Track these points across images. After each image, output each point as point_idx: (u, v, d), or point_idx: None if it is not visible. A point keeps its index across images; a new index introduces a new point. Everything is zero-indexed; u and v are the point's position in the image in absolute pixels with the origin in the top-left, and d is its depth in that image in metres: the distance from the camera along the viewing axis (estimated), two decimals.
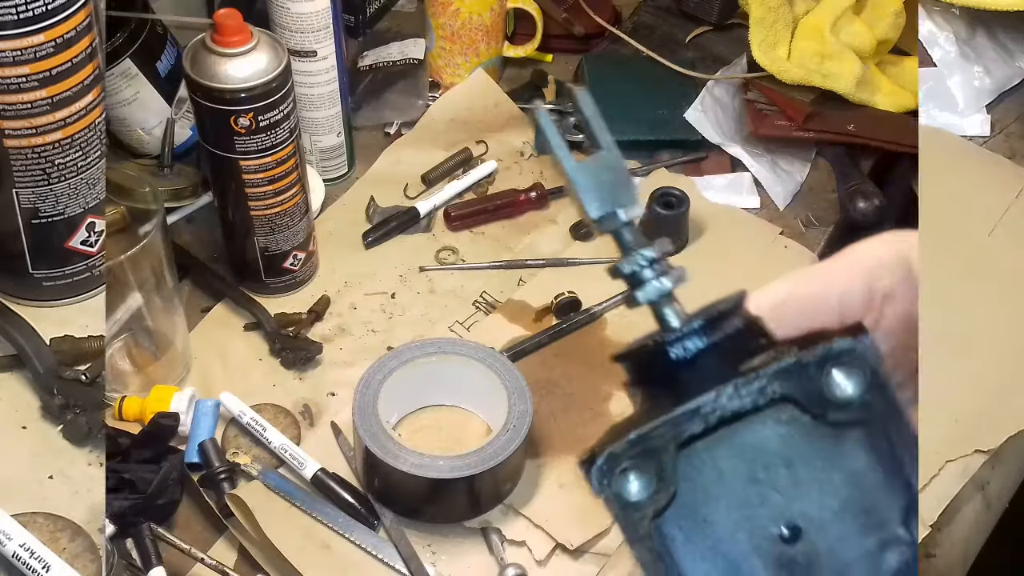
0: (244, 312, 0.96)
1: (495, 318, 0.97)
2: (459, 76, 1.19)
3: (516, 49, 1.22)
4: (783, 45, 1.13)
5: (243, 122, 0.84)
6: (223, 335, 0.95)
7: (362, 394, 0.82)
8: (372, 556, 0.79)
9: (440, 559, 0.80)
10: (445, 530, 0.82)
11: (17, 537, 0.50)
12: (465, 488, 0.79)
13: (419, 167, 1.11)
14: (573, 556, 0.81)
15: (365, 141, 1.14)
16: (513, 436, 0.80)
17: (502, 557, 0.80)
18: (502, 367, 0.85)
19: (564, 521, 0.81)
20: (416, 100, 1.16)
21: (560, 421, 0.89)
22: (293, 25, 0.97)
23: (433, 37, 1.17)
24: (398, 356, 0.86)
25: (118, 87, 1.00)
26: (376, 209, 1.06)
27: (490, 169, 1.11)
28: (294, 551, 0.78)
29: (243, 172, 0.87)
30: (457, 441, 0.87)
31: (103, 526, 0.62)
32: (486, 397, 0.85)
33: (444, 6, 1.14)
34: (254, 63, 0.83)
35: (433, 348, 0.86)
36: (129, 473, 0.79)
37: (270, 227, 0.92)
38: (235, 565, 0.79)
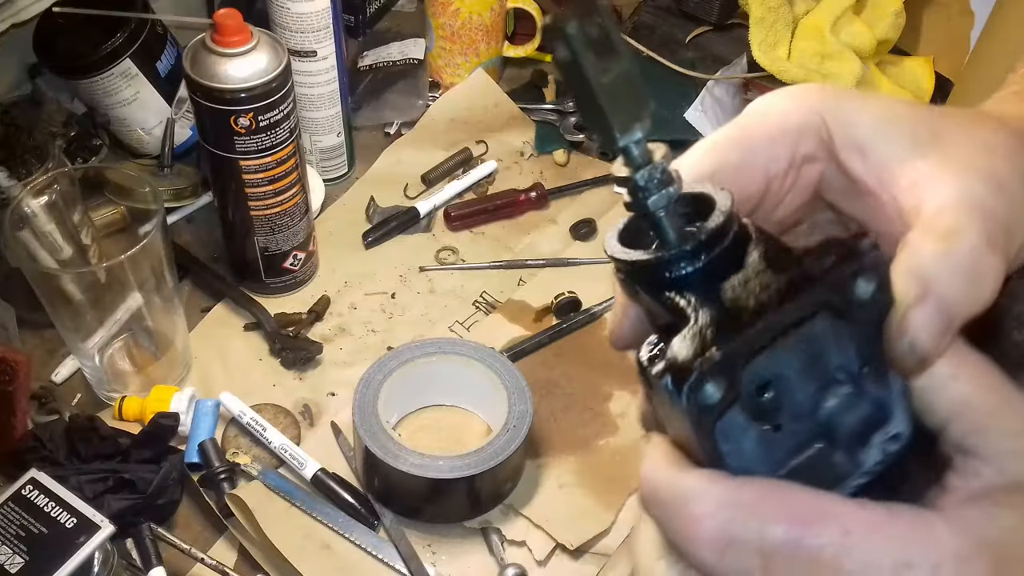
0: (244, 312, 0.96)
1: (495, 318, 0.97)
2: (459, 76, 1.19)
3: (516, 49, 1.22)
4: (783, 45, 1.13)
5: (243, 122, 0.84)
6: (223, 335, 0.95)
7: (362, 394, 0.82)
8: (372, 556, 0.80)
9: (440, 559, 0.80)
10: (445, 530, 0.82)
11: (250, 414, 0.87)
12: (465, 488, 0.79)
13: (419, 167, 1.11)
14: (573, 556, 0.81)
15: (365, 141, 1.14)
16: (513, 436, 0.80)
17: (502, 557, 0.80)
18: (502, 367, 0.85)
19: (564, 521, 0.81)
20: (416, 100, 1.16)
21: (560, 421, 0.89)
22: (293, 25, 0.97)
23: (433, 37, 1.17)
24: (398, 356, 0.86)
25: (118, 87, 1.00)
26: (376, 209, 1.06)
27: (490, 169, 1.11)
28: (294, 551, 0.78)
29: (243, 172, 0.87)
30: (457, 441, 0.87)
31: (303, 410, 0.90)
32: (486, 397, 0.85)
33: (444, 6, 1.14)
34: (254, 63, 0.83)
35: (433, 348, 0.86)
36: (129, 473, 0.79)
37: (270, 227, 0.92)
38: (235, 565, 0.79)
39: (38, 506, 0.70)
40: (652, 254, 0.35)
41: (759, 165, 0.38)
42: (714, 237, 0.34)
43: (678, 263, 0.34)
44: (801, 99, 0.38)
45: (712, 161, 0.38)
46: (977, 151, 0.36)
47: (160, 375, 0.90)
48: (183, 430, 0.85)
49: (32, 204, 0.82)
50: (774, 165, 0.38)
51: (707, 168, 0.38)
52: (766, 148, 0.38)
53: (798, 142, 0.38)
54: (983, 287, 0.33)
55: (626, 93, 0.33)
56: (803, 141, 0.38)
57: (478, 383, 0.85)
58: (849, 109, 0.38)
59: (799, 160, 0.38)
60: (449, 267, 1.02)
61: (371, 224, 1.05)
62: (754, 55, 1.12)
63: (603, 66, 0.32)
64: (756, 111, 0.39)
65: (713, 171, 0.37)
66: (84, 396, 0.90)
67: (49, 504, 0.70)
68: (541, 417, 0.88)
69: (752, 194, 0.38)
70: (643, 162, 0.34)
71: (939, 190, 0.35)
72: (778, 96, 0.39)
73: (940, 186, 0.35)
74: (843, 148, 0.38)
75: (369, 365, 0.85)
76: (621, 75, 0.33)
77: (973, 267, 0.33)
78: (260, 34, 0.85)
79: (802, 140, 0.38)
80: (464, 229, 1.06)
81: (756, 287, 0.33)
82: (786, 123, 0.38)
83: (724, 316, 0.33)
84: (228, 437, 0.87)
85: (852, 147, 0.37)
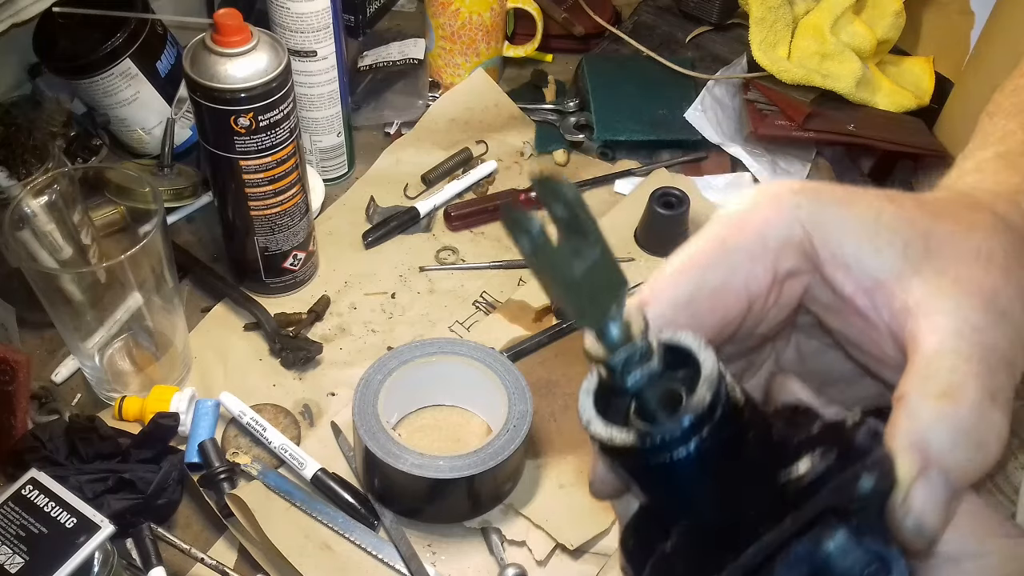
0: (244, 312, 0.96)
1: (495, 318, 0.97)
2: (459, 76, 1.19)
3: (516, 49, 1.22)
4: (783, 45, 1.13)
5: (243, 122, 0.84)
6: (223, 335, 0.95)
7: (362, 394, 0.82)
8: (372, 556, 0.80)
9: (440, 559, 0.80)
10: (445, 530, 0.82)
11: (250, 414, 0.87)
12: (465, 488, 0.79)
13: (419, 167, 1.11)
14: (573, 556, 0.81)
15: (365, 141, 1.14)
16: (513, 436, 0.80)
17: (502, 557, 0.80)
18: (502, 367, 0.85)
19: (564, 521, 0.81)
20: (416, 100, 1.16)
21: (560, 421, 0.89)
22: (293, 25, 0.97)
23: (433, 37, 1.17)
24: (398, 356, 0.86)
25: (118, 87, 1.00)
26: (376, 209, 1.06)
27: (490, 169, 1.11)
28: (294, 551, 0.78)
29: (243, 172, 0.87)
30: (457, 441, 0.87)
31: (303, 410, 0.90)
32: (486, 397, 0.85)
33: (444, 6, 1.14)
34: (254, 63, 0.83)
35: (433, 348, 0.86)
36: (129, 473, 0.79)
37: (270, 227, 0.92)
38: (235, 565, 0.79)
39: (38, 506, 0.70)
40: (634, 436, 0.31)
41: (739, 286, 0.35)
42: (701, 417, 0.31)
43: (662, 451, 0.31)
44: (779, 206, 0.35)
45: (689, 284, 0.35)
46: (974, 264, 0.33)
47: (160, 375, 0.90)
48: (183, 430, 0.85)
49: (32, 204, 0.82)
50: (755, 284, 0.35)
51: (684, 294, 0.35)
52: (746, 266, 0.35)
53: (780, 257, 0.35)
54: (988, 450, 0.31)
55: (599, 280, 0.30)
56: (785, 255, 0.35)
57: (478, 383, 0.85)
58: (832, 217, 0.35)
59: (782, 275, 0.36)
60: (449, 267, 1.02)
61: (371, 224, 1.05)
62: (754, 55, 1.12)
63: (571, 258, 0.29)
64: (732, 220, 0.36)
65: (691, 297, 0.35)
66: (84, 396, 0.90)
67: (49, 504, 0.70)
68: (541, 417, 0.88)
69: (733, 317, 0.36)
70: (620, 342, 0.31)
71: (936, 321, 0.32)
72: (755, 201, 0.36)
73: (937, 316, 0.32)
74: (828, 263, 0.35)
75: (369, 365, 0.85)
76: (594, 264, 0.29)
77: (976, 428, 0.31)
78: (260, 34, 0.85)
79: (784, 255, 0.35)
80: (464, 229, 1.06)
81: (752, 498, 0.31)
82: (766, 235, 0.35)
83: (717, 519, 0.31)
84: (228, 437, 0.87)
85: (838, 263, 0.35)
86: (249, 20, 0.84)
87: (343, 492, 0.82)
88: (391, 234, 1.04)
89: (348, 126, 1.08)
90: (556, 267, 0.29)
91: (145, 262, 0.82)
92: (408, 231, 1.05)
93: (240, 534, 0.79)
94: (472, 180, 1.09)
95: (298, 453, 0.84)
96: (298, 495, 0.82)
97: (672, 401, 0.32)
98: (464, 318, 0.98)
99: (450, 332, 0.96)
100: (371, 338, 0.95)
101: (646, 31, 1.29)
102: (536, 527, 0.82)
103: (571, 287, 0.29)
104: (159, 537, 0.79)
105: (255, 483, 0.83)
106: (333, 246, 1.03)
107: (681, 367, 0.32)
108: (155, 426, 0.83)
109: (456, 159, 1.12)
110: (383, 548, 0.80)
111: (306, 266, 0.98)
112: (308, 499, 0.82)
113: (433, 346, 0.87)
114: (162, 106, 1.04)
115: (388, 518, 0.82)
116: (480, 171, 1.10)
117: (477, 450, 0.79)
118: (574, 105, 1.16)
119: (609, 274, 0.30)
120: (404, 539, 0.80)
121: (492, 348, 0.88)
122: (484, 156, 1.13)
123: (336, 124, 1.05)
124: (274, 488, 0.82)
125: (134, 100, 1.02)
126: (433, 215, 1.07)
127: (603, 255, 0.30)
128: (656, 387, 0.32)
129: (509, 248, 1.04)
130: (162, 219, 0.81)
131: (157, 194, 0.84)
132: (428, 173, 1.10)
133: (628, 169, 1.12)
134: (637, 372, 0.31)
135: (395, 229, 1.04)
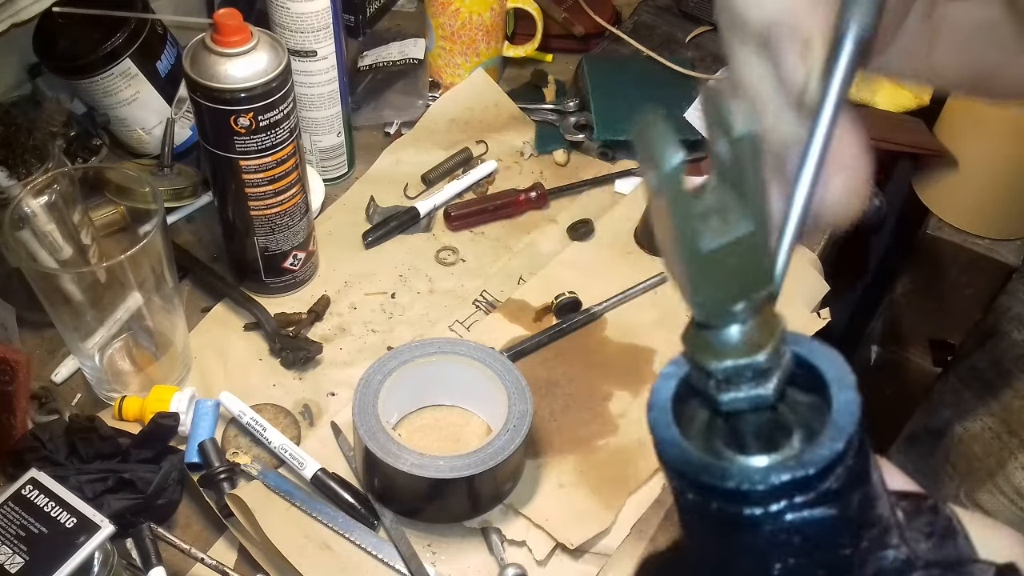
0: (244, 312, 0.96)
1: (495, 318, 0.97)
2: (459, 76, 1.19)
3: (516, 49, 1.22)
4: None
5: (243, 122, 0.84)
6: (223, 335, 0.95)
7: (362, 394, 0.82)
8: (372, 556, 0.80)
9: (440, 559, 0.80)
10: (445, 530, 0.82)
11: (250, 414, 0.87)
12: (465, 488, 0.79)
13: (419, 167, 1.11)
14: (573, 556, 0.81)
15: (365, 141, 1.14)
16: (513, 436, 0.80)
17: (502, 557, 0.80)
18: (502, 367, 0.85)
19: (564, 521, 0.81)
20: (416, 100, 1.16)
21: (560, 421, 0.89)
22: (293, 25, 0.97)
23: (433, 37, 1.17)
24: (398, 356, 0.86)
25: (118, 87, 1.00)
26: (376, 209, 1.06)
27: (490, 169, 1.11)
28: (294, 551, 0.78)
29: (243, 172, 0.87)
30: (457, 441, 0.87)
31: (303, 410, 0.90)
32: (486, 397, 0.85)
33: (444, 6, 1.14)
34: (254, 63, 0.83)
35: (433, 348, 0.86)
36: (129, 473, 0.79)
37: (270, 227, 0.92)
38: (235, 565, 0.79)
39: (38, 506, 0.70)
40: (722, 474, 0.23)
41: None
42: (807, 480, 0.22)
43: (731, 500, 0.23)
44: None
45: None
46: None
47: (160, 375, 0.90)
48: (183, 430, 0.85)
49: (32, 204, 0.82)
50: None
51: None
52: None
53: None
54: None
55: (738, 263, 0.22)
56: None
57: (478, 383, 0.85)
58: None
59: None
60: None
61: (371, 224, 1.05)
62: None
63: (712, 219, 0.22)
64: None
65: None
66: (84, 396, 0.90)
67: (49, 504, 0.70)
68: (541, 417, 0.88)
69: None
70: (735, 350, 0.23)
71: None
72: None
73: None
74: None
75: (369, 365, 0.85)
76: (739, 241, 0.22)
77: None
78: (260, 34, 0.85)
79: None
80: (464, 229, 1.06)
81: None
82: None
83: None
84: (228, 437, 0.87)
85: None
86: (249, 20, 0.84)
87: (343, 492, 0.82)
88: (391, 234, 1.04)
89: (348, 126, 1.08)
90: (686, 223, 0.22)
91: (145, 262, 0.82)
92: (408, 231, 1.05)
93: (240, 534, 0.79)
94: (472, 180, 1.09)
95: (298, 453, 0.84)
96: (298, 495, 0.82)
97: (775, 434, 0.24)
98: (464, 318, 0.98)
99: (450, 332, 0.96)
100: (371, 338, 0.95)
101: (646, 31, 1.29)
102: (536, 527, 0.82)
103: (694, 258, 0.22)
104: (159, 537, 0.79)
105: (255, 483, 0.83)
106: (333, 246, 1.03)
107: (805, 390, 0.24)
108: (155, 426, 0.83)
109: (456, 159, 1.12)
110: (383, 548, 0.80)
111: (306, 266, 0.98)
112: (308, 499, 0.82)
113: (433, 346, 0.87)
114: (162, 106, 1.04)
115: (388, 518, 0.82)
116: (480, 171, 1.10)
117: (477, 450, 0.79)
118: (574, 105, 1.16)
119: (755, 260, 0.22)
120: (404, 539, 0.80)
121: (492, 348, 0.88)
122: (484, 156, 1.13)
123: (336, 124, 1.05)
124: (274, 488, 0.82)
125: (134, 100, 1.02)
126: (433, 215, 1.07)
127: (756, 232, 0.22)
128: (760, 412, 0.24)
129: (509, 248, 1.04)
130: (162, 219, 0.81)
131: (157, 194, 0.84)
132: (428, 173, 1.10)
133: (628, 169, 1.12)
134: (740, 393, 0.23)
135: (395, 229, 1.04)
